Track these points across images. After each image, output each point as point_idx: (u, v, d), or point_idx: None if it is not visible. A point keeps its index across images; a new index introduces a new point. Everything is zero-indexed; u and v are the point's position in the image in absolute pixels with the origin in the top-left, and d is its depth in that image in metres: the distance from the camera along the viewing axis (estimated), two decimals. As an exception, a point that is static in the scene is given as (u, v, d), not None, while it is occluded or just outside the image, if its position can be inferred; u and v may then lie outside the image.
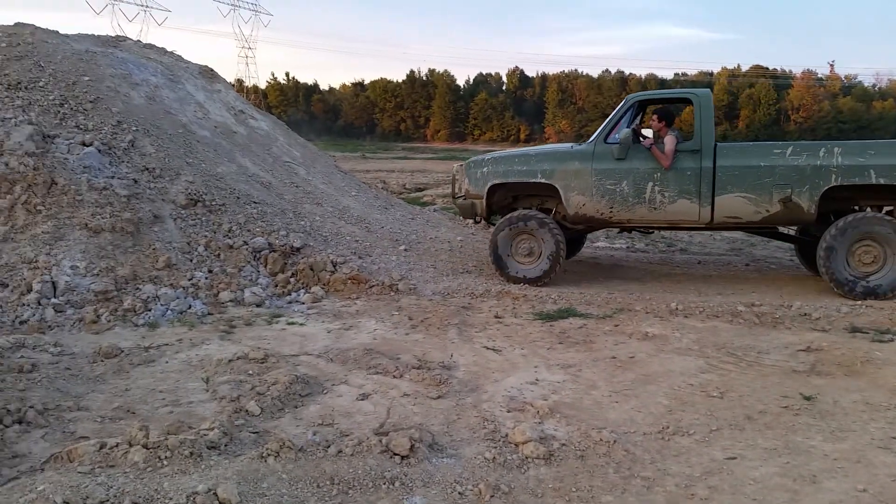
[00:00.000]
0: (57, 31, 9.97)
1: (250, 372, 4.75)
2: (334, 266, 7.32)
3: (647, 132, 7.64)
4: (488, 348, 5.45)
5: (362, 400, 4.33)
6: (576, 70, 79.71)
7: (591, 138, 7.71)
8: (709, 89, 7.98)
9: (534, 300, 6.95)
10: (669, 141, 7.28)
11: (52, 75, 8.59)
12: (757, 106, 68.98)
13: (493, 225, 8.08)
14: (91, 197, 7.09)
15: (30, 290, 5.92)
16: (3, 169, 6.77)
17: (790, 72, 74.31)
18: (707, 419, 4.01)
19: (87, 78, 8.84)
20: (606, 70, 78.47)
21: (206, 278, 6.88)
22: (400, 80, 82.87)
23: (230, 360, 4.96)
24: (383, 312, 6.42)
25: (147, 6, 65.88)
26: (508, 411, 4.20)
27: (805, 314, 6.22)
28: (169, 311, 6.27)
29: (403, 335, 5.78)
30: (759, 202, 7.08)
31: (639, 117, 8.02)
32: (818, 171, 6.91)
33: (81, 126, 8.08)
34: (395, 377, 4.72)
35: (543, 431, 3.84)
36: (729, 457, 3.53)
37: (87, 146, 7.73)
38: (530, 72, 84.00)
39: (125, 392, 4.46)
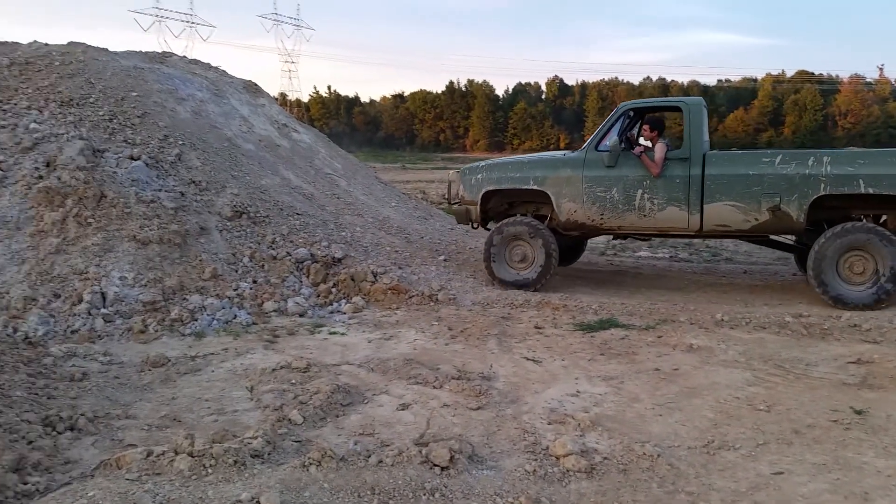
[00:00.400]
0: (106, 49, 10.30)
1: (293, 381, 4.81)
2: (375, 276, 7.38)
3: (647, 142, 7.63)
4: (528, 359, 5.43)
5: (402, 410, 4.35)
6: (616, 78, 79.18)
7: (584, 146, 7.80)
8: (701, 98, 7.99)
9: (574, 310, 6.90)
10: (659, 149, 7.30)
11: (102, 91, 8.86)
12: (803, 112, 67.52)
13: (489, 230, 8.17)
14: (139, 209, 7.27)
15: (81, 301, 6.10)
16: (56, 183, 7.00)
17: (837, 76, 72.58)
18: (753, 433, 3.92)
19: (135, 93, 9.10)
20: (648, 77, 77.77)
21: (251, 288, 7.00)
22: (439, 92, 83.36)
23: (273, 370, 5.03)
24: (423, 322, 6.44)
25: (193, 22, 67.82)
26: (549, 423, 4.17)
27: (855, 325, 6.05)
28: (215, 321, 6.39)
29: (443, 345, 5.79)
30: (748, 211, 7.05)
31: (637, 126, 8.03)
32: (807, 181, 6.84)
33: (130, 140, 8.31)
34: (434, 387, 4.73)
35: (585, 444, 3.80)
36: (776, 472, 3.45)
37: (136, 160, 7.94)
38: (570, 80, 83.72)
39: (172, 401, 4.56)
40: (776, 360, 5.22)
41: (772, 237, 7.78)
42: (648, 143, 7.55)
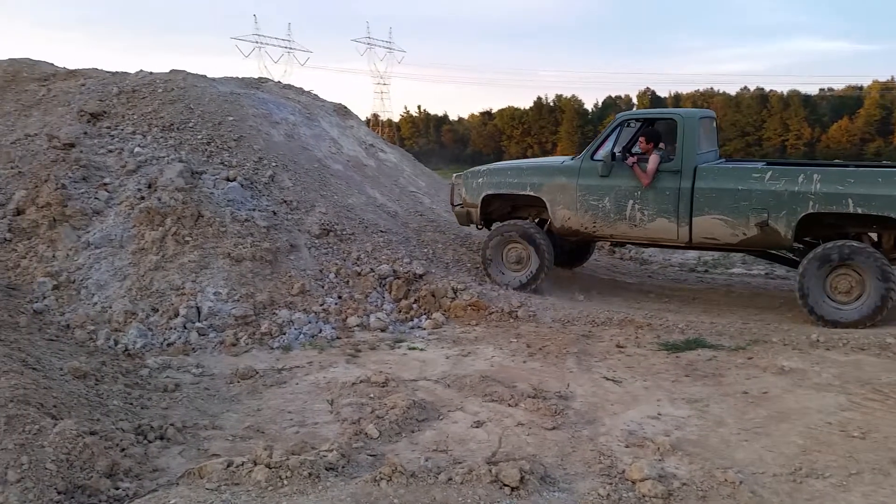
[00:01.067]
0: (205, 76, 10.89)
1: (371, 395, 4.91)
2: (455, 293, 7.44)
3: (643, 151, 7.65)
4: (608, 379, 5.32)
5: (476, 427, 4.35)
6: (711, 88, 76.58)
7: (581, 154, 7.97)
8: (698, 111, 7.98)
9: (659, 329, 6.70)
10: (652, 160, 7.36)
11: (201, 116, 9.36)
12: (916, 119, 63.07)
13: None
14: (234, 228, 7.62)
15: (177, 315, 6.45)
16: (157, 203, 7.45)
17: (954, 81, 67.42)
18: (846, 461, 3.69)
19: (231, 118, 9.56)
20: (745, 87, 74.76)
21: (336, 304, 7.20)
22: (527, 108, 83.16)
23: (354, 384, 5.15)
24: (502, 339, 6.43)
25: (290, 48, 70.41)
26: (627, 446, 4.08)
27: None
28: (301, 335, 6.60)
29: (521, 363, 5.76)
30: (736, 225, 7.05)
31: (633, 135, 8.09)
32: (795, 198, 6.80)
33: (226, 163, 8.73)
34: (510, 405, 4.71)
35: (663, 469, 3.69)
36: (870, 505, 3.24)
37: (231, 181, 8.34)
38: (662, 92, 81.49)
39: (257, 412, 4.74)
40: (874, 383, 4.90)
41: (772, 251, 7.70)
42: (642, 152, 7.61)
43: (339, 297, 7.30)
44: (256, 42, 68.15)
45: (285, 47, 70.55)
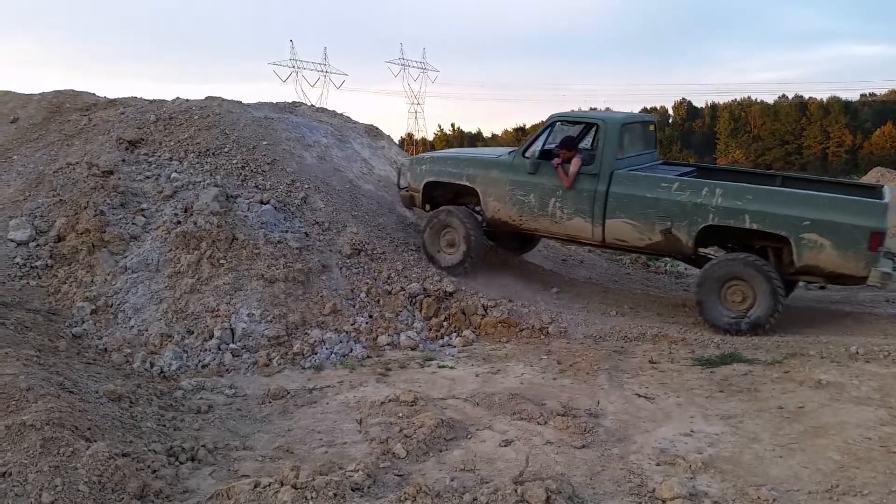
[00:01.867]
0: (240, 102, 11.13)
1: (400, 414, 4.91)
2: (485, 309, 7.42)
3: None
4: (640, 395, 5.24)
5: (505, 446, 4.32)
6: (749, 97, 75.46)
7: (514, 151, 8.36)
8: (622, 117, 8.17)
9: (694, 344, 6.59)
10: (574, 163, 7.72)
11: (236, 141, 9.56)
12: (965, 122, 61.19)
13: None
14: (267, 250, 7.74)
15: (212, 337, 6.57)
16: (192, 227, 7.62)
17: None
18: (885, 478, 3.57)
19: (265, 142, 9.74)
20: (783, 95, 73.47)
21: (367, 323, 7.25)
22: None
23: (382, 403, 5.17)
24: (532, 356, 6.38)
25: (327, 72, 71.52)
26: (658, 464, 4.01)
27: None
28: (333, 355, 6.66)
29: (551, 380, 5.71)
30: (643, 230, 7.41)
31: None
32: (697, 209, 7.11)
33: (260, 186, 8.89)
34: (539, 424, 4.67)
35: (695, 487, 3.62)
36: (911, 525, 3.12)
37: (265, 204, 8.49)
38: (698, 102, 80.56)
39: (287, 432, 4.79)
40: (918, 398, 4.73)
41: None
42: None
43: (370, 316, 7.35)
44: (293, 67, 69.46)
45: (321, 71, 71.69)
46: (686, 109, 79.78)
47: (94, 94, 12.04)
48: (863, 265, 6.53)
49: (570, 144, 7.94)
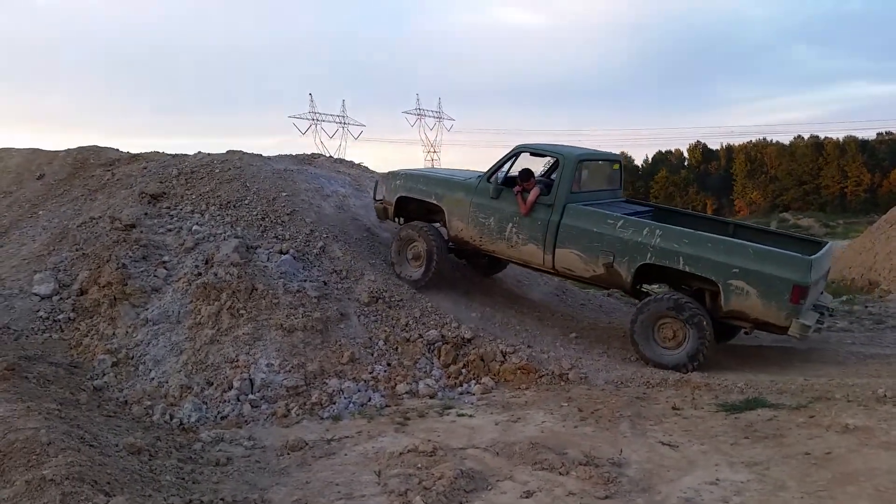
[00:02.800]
0: (260, 155, 11.35)
1: (419, 465, 4.86)
2: (504, 356, 7.38)
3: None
4: (664, 443, 5.15)
5: (526, 498, 4.26)
6: (764, 138, 75.50)
7: (481, 175, 8.68)
8: (581, 153, 8.54)
9: (717, 390, 6.48)
10: (533, 193, 8.12)
11: (256, 193, 9.72)
12: None
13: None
14: (286, 300, 7.79)
15: (231, 388, 6.58)
16: (213, 279, 7.70)
17: None
18: (920, 529, 3.46)
19: (284, 193, 9.88)
20: (799, 136, 73.45)
21: (385, 371, 7.22)
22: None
23: (401, 454, 5.12)
24: (552, 403, 6.31)
25: (345, 123, 72.66)
26: (683, 514, 3.92)
27: None
28: (351, 404, 6.63)
29: (572, 428, 5.63)
30: (588, 261, 7.80)
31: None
32: (637, 247, 7.48)
33: (279, 236, 9.00)
34: (560, 474, 4.60)
35: (721, 538, 3.52)
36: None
37: (284, 254, 8.58)
38: (713, 144, 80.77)
39: (305, 485, 4.75)
40: (951, 442, 4.60)
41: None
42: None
43: (388, 365, 7.33)
44: (313, 119, 70.73)
45: (340, 122, 72.87)
46: (701, 152, 79.97)
47: (117, 150, 12.35)
48: (784, 315, 6.85)
49: (528, 176, 8.31)
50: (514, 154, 8.53)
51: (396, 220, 9.47)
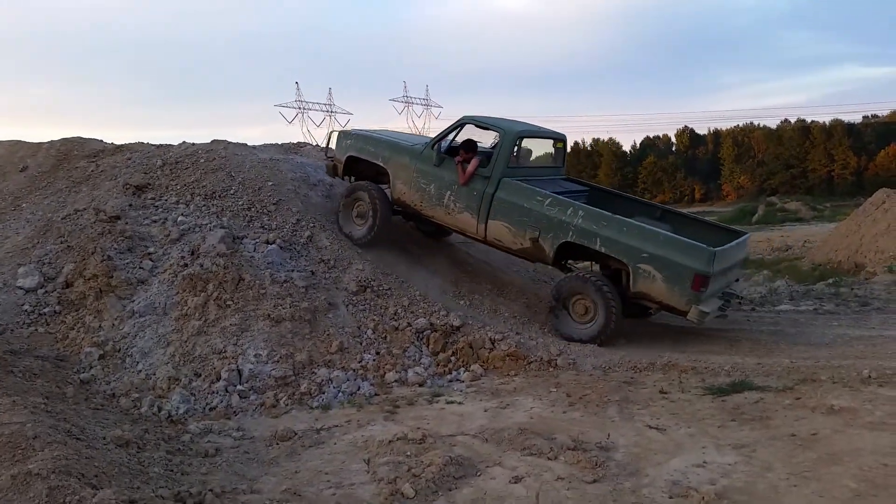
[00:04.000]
0: (245, 144, 11.26)
1: (408, 453, 4.87)
2: (493, 343, 7.39)
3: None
4: (651, 427, 5.18)
5: (515, 483, 4.28)
6: (752, 123, 75.65)
7: (427, 142, 8.98)
8: (520, 128, 8.79)
9: (704, 373, 6.52)
10: (473, 163, 8.38)
11: (241, 183, 9.65)
12: (971, 140, 61.05)
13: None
14: (273, 290, 7.75)
15: (219, 379, 6.55)
16: (199, 269, 7.65)
17: None
18: (903, 507, 3.50)
19: (270, 183, 9.81)
20: (786, 120, 73.65)
21: (374, 360, 7.22)
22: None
23: (390, 442, 5.12)
24: (541, 389, 6.33)
25: (332, 112, 72.14)
26: (670, 497, 3.98)
27: None
28: (340, 394, 6.62)
29: (560, 413, 5.65)
30: (517, 235, 8.16)
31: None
32: (561, 226, 7.86)
33: (266, 226, 8.95)
34: (549, 459, 4.62)
35: (708, 519, 3.55)
36: (931, 554, 3.05)
37: (271, 244, 8.53)
38: (701, 130, 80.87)
39: (295, 474, 4.75)
40: (934, 422, 4.66)
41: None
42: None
43: (377, 353, 7.33)
44: (299, 108, 70.19)
45: (327, 111, 72.34)
46: (689, 137, 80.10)
47: (101, 141, 12.21)
48: (684, 301, 7.28)
49: (470, 147, 8.55)
50: (459, 125, 8.76)
51: (345, 178, 9.76)
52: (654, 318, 9.06)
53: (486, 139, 9.02)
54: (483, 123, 8.88)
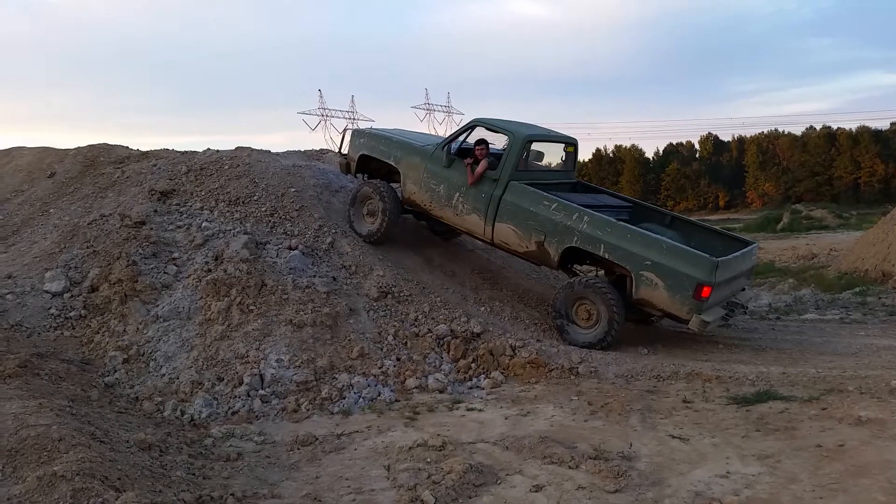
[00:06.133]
0: (269, 151, 11.36)
1: (428, 460, 4.86)
2: (513, 350, 7.36)
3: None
4: (674, 437, 5.13)
5: (535, 492, 4.25)
6: (776, 130, 74.87)
7: (438, 143, 9.00)
8: (530, 131, 8.82)
9: (728, 382, 6.44)
10: (482, 165, 8.40)
11: (265, 189, 9.73)
12: None
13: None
14: (295, 295, 7.80)
15: (241, 383, 6.59)
16: (223, 275, 7.72)
17: None
18: (934, 522, 3.42)
19: (293, 189, 9.88)
20: (811, 127, 72.77)
21: (394, 366, 7.22)
22: (586, 160, 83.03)
23: (410, 448, 5.12)
24: (562, 397, 6.29)
25: (354, 118, 72.63)
26: (693, 507, 3.89)
27: None
28: (361, 399, 6.63)
29: (582, 422, 5.61)
30: (523, 238, 8.18)
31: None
32: (566, 230, 7.86)
33: (289, 232, 9.01)
34: (570, 468, 4.59)
35: (732, 531, 3.50)
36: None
37: (293, 250, 8.59)
38: (725, 136, 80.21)
39: (315, 480, 4.76)
40: (965, 434, 4.55)
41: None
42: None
43: (398, 359, 7.33)
44: (322, 115, 70.84)
45: (349, 118, 72.84)
46: (712, 143, 79.44)
47: (127, 148, 12.40)
48: (686, 310, 7.27)
49: (481, 144, 8.58)
50: (470, 127, 8.82)
51: (358, 176, 9.84)
52: (675, 327, 8.97)
53: (497, 142, 9.02)
54: (493, 126, 8.90)
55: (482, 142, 8.66)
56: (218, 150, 11.23)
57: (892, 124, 69.41)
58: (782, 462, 4.44)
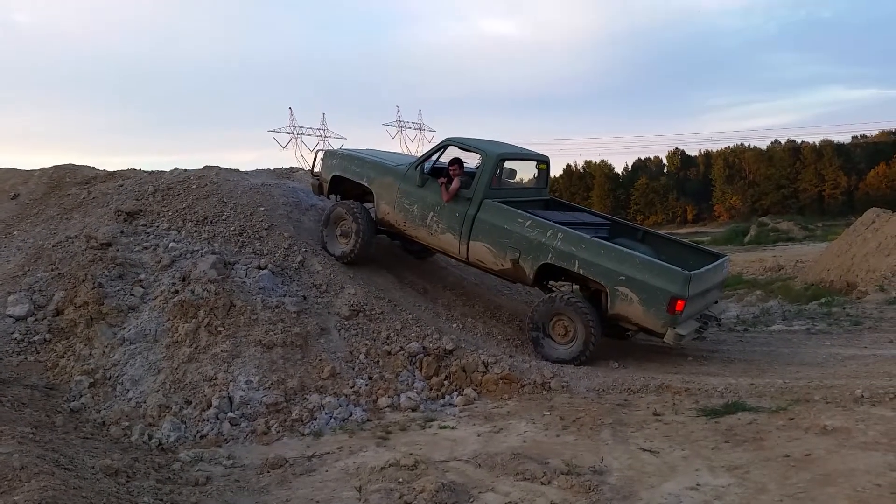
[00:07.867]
0: (238, 170, 11.29)
1: (400, 480, 4.82)
2: (486, 366, 7.35)
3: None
4: (645, 450, 5.16)
5: (507, 509, 4.23)
6: (742, 144, 76.36)
7: (411, 163, 9.02)
8: (502, 150, 8.86)
9: (698, 394, 6.51)
10: (455, 183, 8.47)
11: (233, 209, 9.64)
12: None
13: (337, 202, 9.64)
14: (265, 315, 7.71)
15: (210, 406, 6.50)
16: (190, 296, 7.63)
17: None
18: (898, 528, 3.48)
19: (262, 208, 9.81)
20: (776, 141, 74.40)
21: (366, 385, 7.18)
22: (556, 175, 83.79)
23: (382, 468, 5.08)
24: (535, 413, 6.30)
25: (325, 136, 72.46)
26: (664, 520, 3.91)
27: None
28: (332, 420, 6.57)
29: (554, 437, 5.62)
30: (497, 255, 8.23)
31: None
32: (540, 247, 7.92)
33: (258, 252, 8.93)
34: (542, 484, 4.59)
35: (702, 543, 3.52)
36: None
37: (262, 269, 8.50)
38: (692, 151, 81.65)
39: (285, 503, 4.69)
40: (927, 441, 4.65)
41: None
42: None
43: (370, 378, 7.28)
44: (293, 133, 70.54)
45: (320, 136, 72.64)
46: (680, 158, 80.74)
47: (93, 168, 12.25)
48: (661, 323, 7.34)
49: (455, 164, 8.63)
50: (442, 146, 8.88)
51: (330, 197, 9.84)
52: (646, 340, 9.06)
53: (470, 160, 9.08)
54: (466, 145, 8.96)
55: (457, 161, 8.69)
56: (185, 170, 11.13)
57: (853, 137, 71.31)
58: (751, 473, 4.49)
